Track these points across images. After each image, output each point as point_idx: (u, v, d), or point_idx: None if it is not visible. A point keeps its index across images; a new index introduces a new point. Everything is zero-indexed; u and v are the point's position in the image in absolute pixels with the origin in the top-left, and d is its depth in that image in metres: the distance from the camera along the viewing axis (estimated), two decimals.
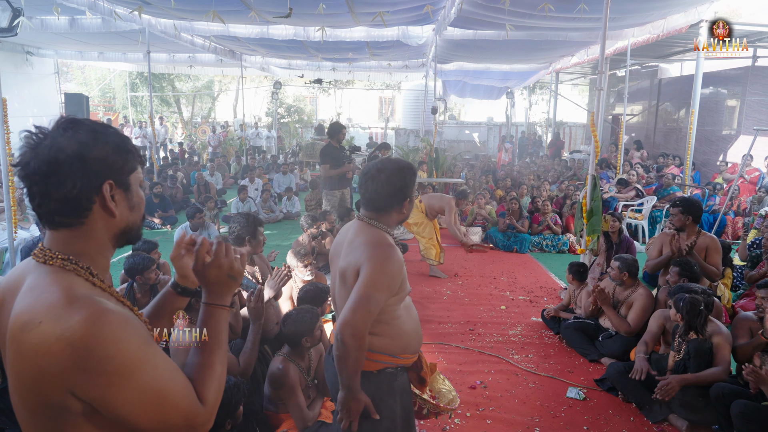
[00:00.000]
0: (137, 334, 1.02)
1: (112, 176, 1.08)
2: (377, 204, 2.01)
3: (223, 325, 1.21)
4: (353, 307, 1.83)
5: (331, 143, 6.85)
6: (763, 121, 9.28)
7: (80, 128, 1.06)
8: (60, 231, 1.08)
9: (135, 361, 0.99)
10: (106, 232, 1.11)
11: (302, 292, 3.57)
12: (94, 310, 0.98)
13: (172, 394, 1.04)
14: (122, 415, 0.99)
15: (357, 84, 25.41)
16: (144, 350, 1.02)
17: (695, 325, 3.37)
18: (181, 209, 10.15)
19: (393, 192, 2.00)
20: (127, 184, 1.12)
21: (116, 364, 0.96)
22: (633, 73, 15.45)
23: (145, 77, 21.29)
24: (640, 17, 8.65)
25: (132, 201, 1.14)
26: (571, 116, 21.97)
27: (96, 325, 0.96)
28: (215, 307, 1.21)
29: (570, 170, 13.01)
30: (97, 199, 1.07)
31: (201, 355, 1.16)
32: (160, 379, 1.02)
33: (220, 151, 17.57)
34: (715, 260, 4.25)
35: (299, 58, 15.15)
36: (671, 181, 9.33)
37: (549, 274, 6.82)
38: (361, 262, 1.88)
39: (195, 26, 10.18)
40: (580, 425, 3.40)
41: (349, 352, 1.84)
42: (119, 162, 1.10)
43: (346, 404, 1.93)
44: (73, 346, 0.94)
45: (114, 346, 0.96)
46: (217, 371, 1.16)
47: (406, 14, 8.42)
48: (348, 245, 2.00)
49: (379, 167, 2.03)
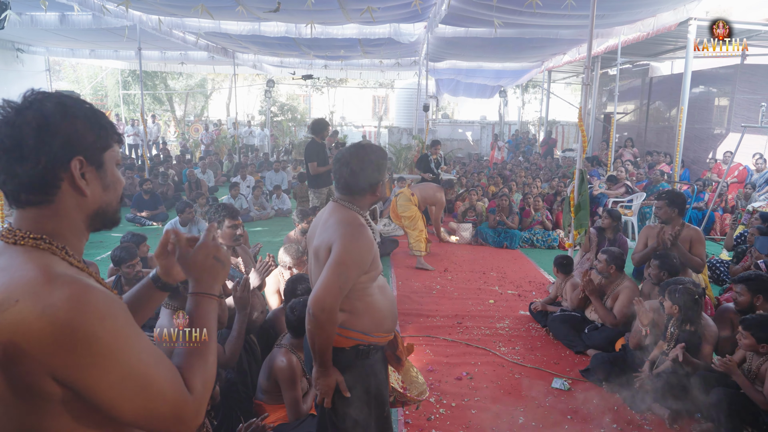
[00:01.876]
0: (123, 314, 0.98)
1: (83, 152, 1.02)
2: (351, 187, 2.08)
3: (212, 314, 1.18)
4: (324, 283, 1.89)
5: (315, 140, 6.81)
6: (752, 119, 9.34)
7: (47, 101, 1.00)
8: (28, 210, 1.02)
9: (121, 342, 0.94)
10: (78, 212, 1.05)
11: (289, 282, 3.56)
12: (77, 287, 0.93)
13: (158, 380, 0.98)
14: (105, 401, 0.94)
15: (350, 82, 25.41)
16: (130, 330, 0.98)
17: (690, 317, 3.41)
18: (172, 206, 10.12)
19: (366, 176, 2.06)
20: (99, 162, 1.06)
21: (102, 343, 0.91)
22: (624, 72, 15.54)
23: (137, 75, 21.22)
24: (629, 15, 8.71)
25: (106, 180, 1.08)
26: (563, 115, 22.05)
27: (80, 302, 0.91)
28: (203, 296, 1.18)
29: (561, 168, 13.06)
30: (65, 176, 1.01)
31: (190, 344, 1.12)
32: (146, 362, 0.97)
33: (212, 149, 17.54)
34: (699, 251, 4.29)
35: (291, 55, 15.14)
36: (660, 177, 9.39)
37: (538, 269, 6.86)
38: (332, 240, 1.94)
39: (186, 23, 10.15)
40: (564, 415, 3.43)
41: (319, 327, 1.90)
42: (90, 137, 1.03)
43: (318, 380, 1.99)
44: (55, 325, 0.88)
45: (99, 325, 0.91)
46: (208, 361, 1.11)
47: (395, 11, 8.44)
48: (322, 225, 2.07)
49: (352, 152, 2.08)
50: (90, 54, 15.39)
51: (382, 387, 2.12)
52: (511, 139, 18.93)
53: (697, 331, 3.43)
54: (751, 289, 3.44)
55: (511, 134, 19.71)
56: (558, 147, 18.79)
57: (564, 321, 4.57)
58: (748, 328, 3.01)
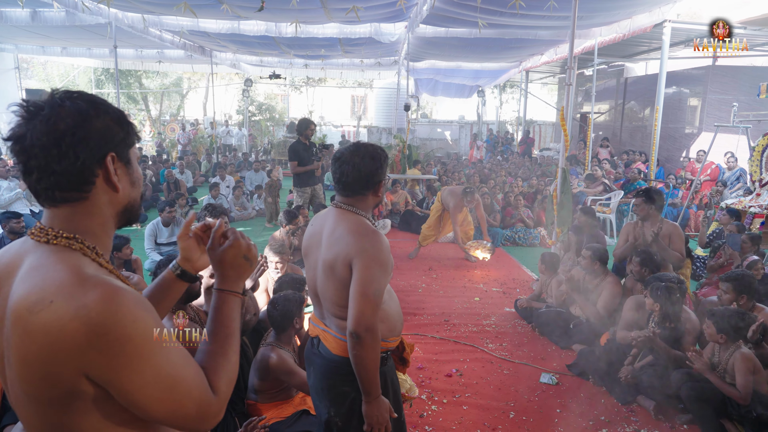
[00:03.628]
0: (153, 315, 0.99)
1: (114, 149, 1.04)
2: (354, 188, 1.97)
3: (235, 312, 1.18)
4: (361, 304, 1.80)
5: (300, 140, 6.77)
6: (723, 119, 9.62)
7: (79, 99, 1.02)
8: (61, 208, 1.02)
9: (152, 343, 0.95)
10: (110, 208, 1.06)
11: (278, 283, 3.57)
12: (108, 288, 0.94)
13: (186, 380, 1.00)
14: (136, 400, 0.95)
15: (329, 82, 25.34)
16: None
17: (670, 315, 3.51)
18: (150, 207, 9.97)
19: (369, 174, 1.96)
20: (128, 158, 1.08)
21: (134, 344, 0.93)
22: (600, 73, 15.83)
23: (111, 73, 20.83)
24: (607, 16, 8.89)
25: (133, 176, 1.10)
26: (540, 115, 22.38)
27: (113, 303, 0.92)
28: (228, 293, 1.19)
29: (541, 166, 13.25)
30: (100, 172, 1.02)
31: (213, 342, 1.12)
32: (175, 363, 0.99)
33: (190, 149, 17.30)
34: (679, 246, 4.40)
35: (271, 54, 15.04)
36: (637, 176, 9.61)
37: (521, 267, 6.95)
38: (352, 255, 1.84)
39: (164, 21, 10.01)
40: (553, 408, 3.49)
41: (368, 348, 1.81)
42: (121, 134, 1.05)
43: (372, 412, 1.89)
44: (89, 325, 0.89)
45: (132, 326, 0.93)
46: (231, 360, 1.12)
47: (379, 10, 8.46)
48: (329, 236, 1.94)
49: (353, 151, 1.99)
50: (62, 52, 15.05)
51: (398, 391, 2.10)
52: (489, 138, 19.13)
53: (677, 327, 3.53)
54: (737, 289, 3.57)
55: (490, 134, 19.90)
56: (535, 146, 19.05)
57: (550, 317, 4.65)
58: (711, 317, 3.14)
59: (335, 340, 1.96)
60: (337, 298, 1.91)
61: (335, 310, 1.94)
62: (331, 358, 1.97)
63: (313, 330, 2.11)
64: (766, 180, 7.49)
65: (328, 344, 1.99)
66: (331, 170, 2.06)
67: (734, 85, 11.72)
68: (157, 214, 6.84)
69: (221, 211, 3.73)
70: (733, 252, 5.30)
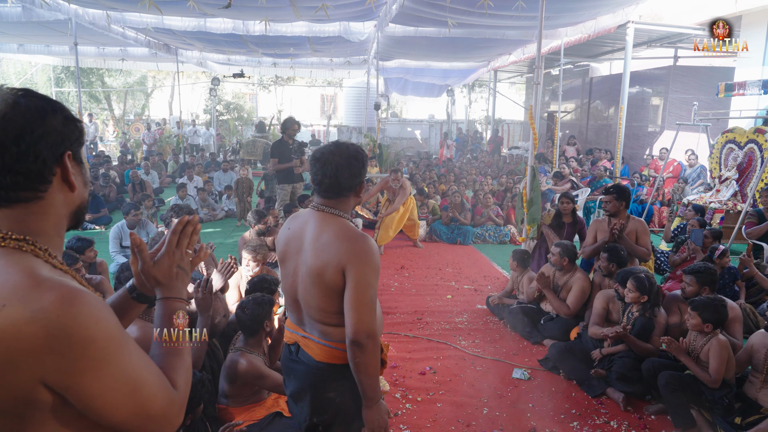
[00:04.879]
0: (113, 316, 0.95)
1: (71, 147, 1.02)
2: (335, 189, 1.89)
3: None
4: (360, 311, 1.77)
5: (282, 138, 7.06)
6: (684, 117, 9.92)
7: (33, 97, 0.98)
8: (14, 208, 0.97)
9: (114, 345, 0.92)
10: (64, 207, 1.04)
11: (251, 284, 3.51)
12: (66, 290, 0.90)
13: (149, 381, 0.98)
14: (97, 405, 0.91)
15: (298, 81, 25.13)
16: (121, 334, 0.96)
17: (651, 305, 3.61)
18: (115, 209, 9.70)
19: (352, 175, 1.89)
20: (80, 157, 1.07)
21: (97, 346, 0.89)
22: (566, 72, 16.14)
23: (71, 71, 20.21)
24: (572, 17, 9.05)
25: (85, 175, 1.09)
26: (509, 114, 22.67)
27: (73, 305, 0.88)
28: (172, 300, 1.18)
29: (509, 165, 13.42)
30: (57, 171, 1.00)
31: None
32: (137, 365, 0.96)
33: (155, 149, 16.91)
34: (645, 242, 4.51)
35: (238, 53, 14.81)
36: (603, 173, 9.82)
37: (492, 264, 7.02)
38: (344, 261, 1.78)
39: (127, 17, 9.73)
40: (526, 403, 3.53)
41: (369, 356, 1.79)
42: (75, 133, 1.03)
43: (373, 417, 1.87)
44: (48, 329, 0.85)
45: (94, 327, 0.89)
46: (186, 360, 1.12)
47: (349, 8, 8.42)
48: (314, 241, 1.86)
49: (333, 150, 1.90)
50: (18, 48, 14.47)
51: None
52: (458, 137, 19.28)
53: (651, 318, 3.63)
54: (700, 281, 3.68)
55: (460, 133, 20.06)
56: (504, 145, 19.30)
57: (521, 313, 4.70)
58: (696, 308, 3.22)
59: (318, 346, 1.91)
60: (324, 305, 1.85)
61: (320, 316, 1.88)
62: (314, 365, 1.92)
63: (290, 337, 2.03)
64: (725, 176, 7.75)
65: (310, 351, 1.93)
66: (311, 171, 1.95)
67: (694, 85, 12.11)
68: (121, 216, 6.65)
69: (188, 211, 3.64)
70: (696, 246, 5.46)
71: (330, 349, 1.88)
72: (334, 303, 1.84)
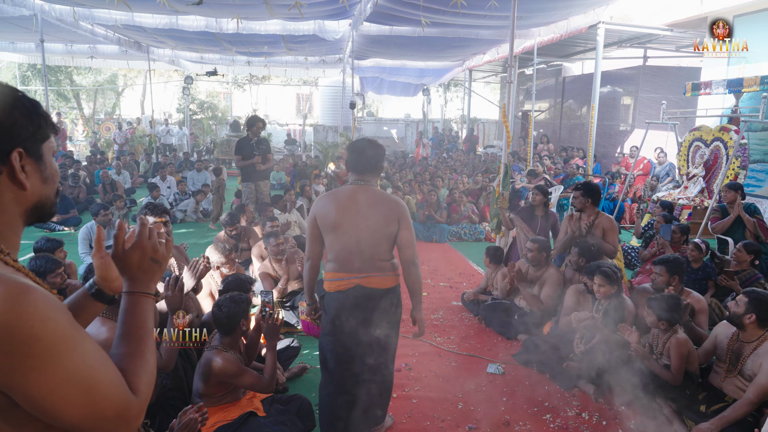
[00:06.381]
0: (64, 314, 0.92)
1: (22, 144, 0.96)
2: (369, 169, 2.73)
3: (149, 313, 1.14)
4: (413, 244, 2.73)
5: (247, 135, 7.02)
6: (654, 116, 10.16)
7: None
8: None
9: (63, 343, 0.88)
10: (15, 206, 0.99)
11: (225, 284, 3.48)
12: (12, 286, 0.87)
13: (104, 382, 0.94)
14: (47, 406, 0.88)
15: (273, 80, 24.93)
16: (73, 332, 0.92)
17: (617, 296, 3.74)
18: (84, 210, 9.48)
19: (379, 161, 2.77)
20: (39, 154, 1.01)
21: (43, 344, 0.86)
22: (540, 72, 16.37)
23: (38, 69, 19.70)
24: (544, 17, 9.18)
25: (45, 172, 1.03)
26: (484, 113, 22.87)
27: (18, 302, 0.85)
28: (140, 295, 1.14)
29: (485, 163, 13.55)
30: (4, 170, 0.95)
31: (129, 344, 1.08)
32: (90, 364, 0.92)
33: (127, 149, 16.59)
34: (612, 239, 4.59)
35: (212, 51, 14.64)
36: (576, 171, 9.99)
37: (467, 261, 7.08)
38: (398, 214, 2.66)
39: (95, 14, 9.52)
40: (500, 397, 3.58)
41: (419, 271, 2.77)
42: (29, 128, 0.98)
43: (421, 318, 2.85)
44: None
45: (40, 325, 0.86)
46: (149, 361, 1.09)
47: (323, 7, 8.39)
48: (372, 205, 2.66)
49: (366, 144, 2.74)
50: None
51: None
52: (434, 136, 19.38)
53: (618, 312, 3.71)
54: (669, 271, 3.79)
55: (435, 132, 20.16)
56: (480, 144, 19.47)
57: (495, 309, 4.76)
58: (651, 306, 3.32)
59: (378, 279, 2.70)
60: (383, 249, 2.69)
61: (381, 255, 2.69)
62: (379, 293, 2.70)
63: (346, 282, 2.71)
64: (692, 173, 7.95)
65: (373, 284, 2.70)
66: (350, 158, 2.75)
67: (663, 85, 12.39)
68: (91, 217, 6.51)
69: (162, 209, 3.58)
70: (664, 242, 5.59)
71: (385, 279, 2.72)
72: (389, 246, 2.72)
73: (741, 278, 4.79)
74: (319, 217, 2.70)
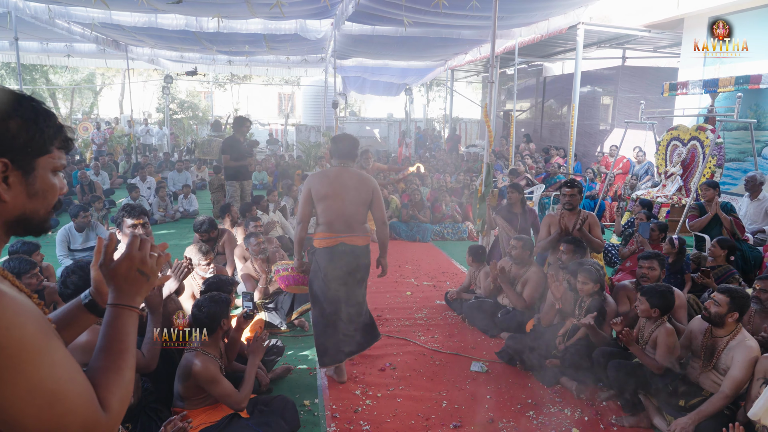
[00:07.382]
0: (34, 322, 0.89)
1: (9, 154, 0.93)
2: (349, 157, 3.61)
3: (131, 327, 1.11)
4: (384, 209, 3.67)
5: (234, 135, 7.13)
6: (632, 116, 10.30)
7: None
8: None
9: (28, 353, 0.86)
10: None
11: (206, 285, 3.45)
12: None
13: (70, 397, 0.90)
14: (7, 417, 0.85)
15: (255, 79, 24.74)
16: (41, 342, 0.89)
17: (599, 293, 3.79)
18: (62, 211, 9.29)
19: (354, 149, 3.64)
20: (29, 167, 0.97)
21: (6, 354, 0.83)
22: (521, 72, 16.50)
23: (12, 68, 19.29)
24: (525, 17, 9.26)
25: (33, 187, 0.99)
26: (466, 112, 22.98)
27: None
28: (122, 308, 1.10)
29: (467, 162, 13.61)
30: None
31: (107, 358, 1.04)
32: (57, 376, 0.89)
33: (106, 149, 16.32)
34: (598, 233, 4.65)
35: (192, 50, 14.47)
36: (557, 170, 10.09)
37: (450, 260, 7.11)
38: (371, 188, 3.58)
39: (72, 12, 9.34)
40: (484, 395, 3.60)
41: (388, 233, 3.77)
42: (22, 139, 0.95)
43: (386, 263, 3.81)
44: None
45: (5, 332, 0.83)
46: (126, 377, 1.05)
47: (304, 6, 8.35)
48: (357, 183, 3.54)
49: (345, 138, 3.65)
50: None
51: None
52: (420, 133, 19.42)
53: (602, 305, 3.76)
54: (662, 265, 3.93)
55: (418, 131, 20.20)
56: (462, 143, 19.55)
57: (478, 307, 4.78)
58: (644, 294, 3.36)
59: (359, 238, 3.55)
60: (360, 215, 3.55)
61: (359, 219, 3.54)
62: (358, 248, 3.56)
63: (333, 240, 3.50)
64: (670, 172, 8.09)
65: (355, 242, 3.53)
66: (334, 148, 3.62)
67: (642, 85, 12.58)
68: (69, 219, 6.38)
69: (141, 211, 3.53)
70: (644, 239, 5.68)
71: (362, 238, 3.57)
72: (365, 213, 3.59)
73: (716, 274, 4.88)
74: (313, 189, 3.51)
